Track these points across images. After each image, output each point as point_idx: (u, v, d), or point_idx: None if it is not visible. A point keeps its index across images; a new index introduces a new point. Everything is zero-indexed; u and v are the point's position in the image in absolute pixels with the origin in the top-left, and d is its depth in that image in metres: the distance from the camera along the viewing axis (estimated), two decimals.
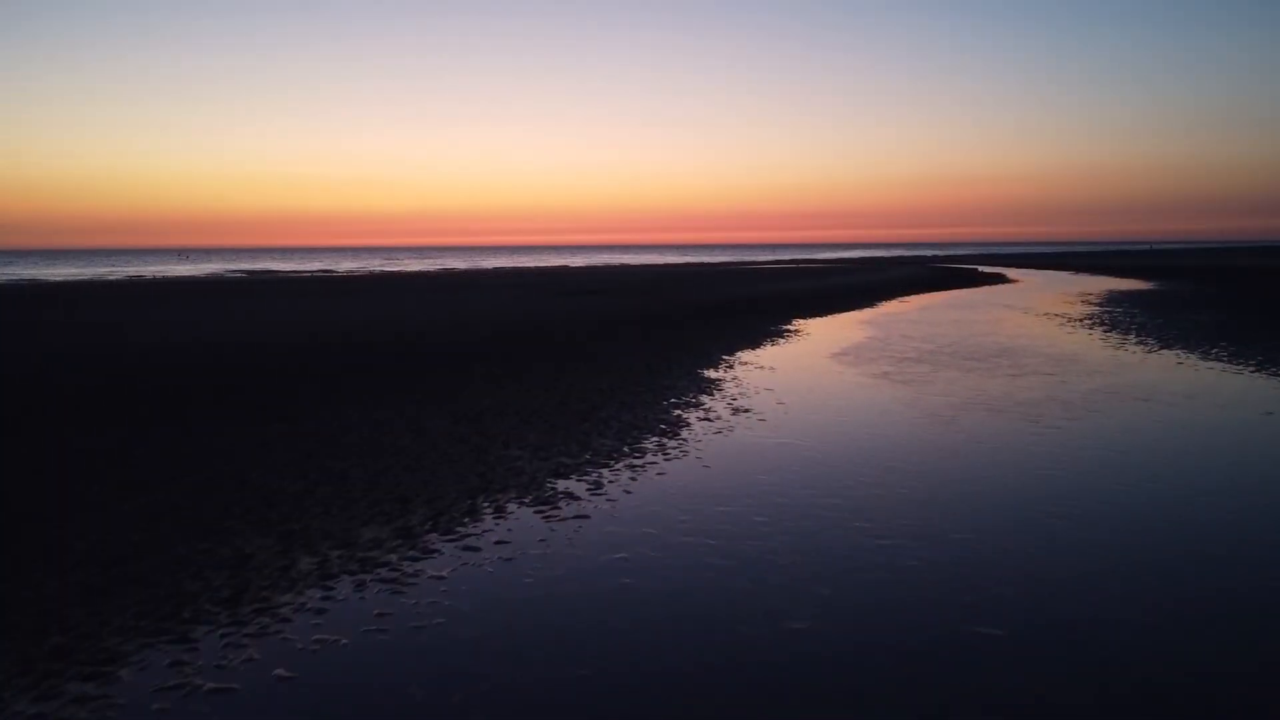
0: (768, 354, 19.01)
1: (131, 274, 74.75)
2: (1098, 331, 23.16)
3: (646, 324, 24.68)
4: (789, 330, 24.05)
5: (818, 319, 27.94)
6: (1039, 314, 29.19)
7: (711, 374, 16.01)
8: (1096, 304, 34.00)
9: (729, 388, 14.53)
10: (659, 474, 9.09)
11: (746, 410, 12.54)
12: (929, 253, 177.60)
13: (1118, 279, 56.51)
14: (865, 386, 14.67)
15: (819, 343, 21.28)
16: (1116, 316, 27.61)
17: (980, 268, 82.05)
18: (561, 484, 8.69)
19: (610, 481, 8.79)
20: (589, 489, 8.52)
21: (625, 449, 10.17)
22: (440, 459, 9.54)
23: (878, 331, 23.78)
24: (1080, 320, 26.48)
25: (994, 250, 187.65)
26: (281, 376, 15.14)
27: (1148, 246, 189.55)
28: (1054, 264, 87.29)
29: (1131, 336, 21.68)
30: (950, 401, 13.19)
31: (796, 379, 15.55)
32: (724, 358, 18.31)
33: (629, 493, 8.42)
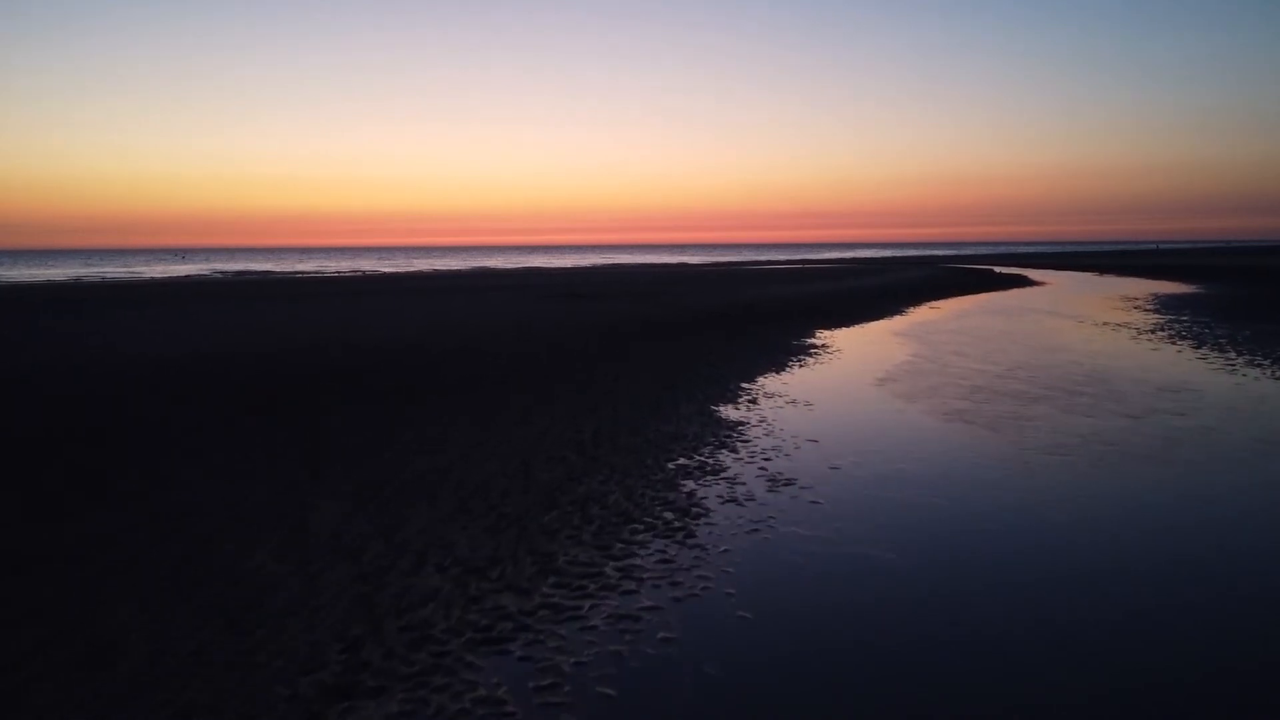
0: (797, 380, 15.20)
1: (103, 274, 71.08)
2: (1184, 347, 19.34)
3: (648, 337, 20.87)
4: (815, 346, 20.23)
5: (845, 330, 24.12)
6: (1097, 324, 25.36)
7: (731, 412, 12.20)
8: (1151, 310, 30.18)
9: (756, 436, 10.73)
10: (664, 640, 5.28)
11: (788, 481, 8.73)
12: (937, 252, 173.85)
13: (1150, 280, 52.72)
14: (943, 436, 10.84)
15: (857, 364, 17.45)
16: (1188, 327, 23.79)
17: (995, 268, 78.23)
18: (487, 670, 4.88)
19: (577, 663, 4.97)
20: (536, 691, 4.70)
21: (609, 569, 6.37)
22: (299, 597, 5.74)
23: (921, 348, 19.96)
24: (1151, 332, 22.65)
25: (1002, 250, 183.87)
26: (155, 415, 11.34)
27: (1153, 246, 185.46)
28: (1070, 264, 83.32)
29: (1232, 355, 17.85)
30: (1072, 464, 9.36)
31: (845, 421, 11.74)
32: (743, 385, 14.50)
33: (609, 698, 4.61)
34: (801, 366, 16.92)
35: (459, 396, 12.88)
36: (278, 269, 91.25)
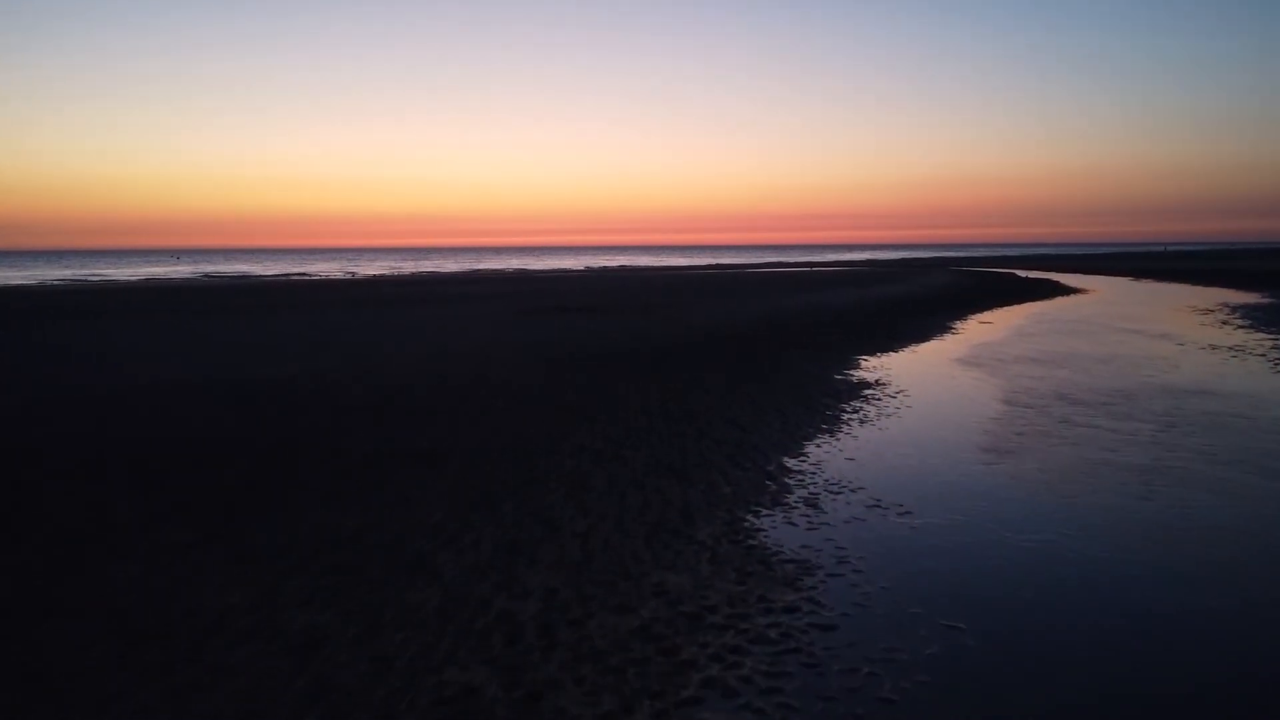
0: (866, 451, 10.29)
1: (64, 278, 66.41)
2: None
3: (647, 373, 15.96)
4: (867, 383, 15.33)
5: (894, 356, 19.24)
6: (1202, 346, 20.42)
7: (783, 534, 7.32)
8: (1246, 325, 25.27)
9: (839, 605, 5.86)
10: None
11: None
12: (946, 254, 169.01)
13: (1200, 287, 47.93)
14: (1196, 606, 5.91)
15: (938, 417, 12.55)
16: None
17: (1018, 272, 73.40)
18: None
19: None
20: None
21: None
22: None
23: (1009, 386, 15.05)
24: None
25: (1013, 252, 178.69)
26: None
27: (1161, 248, 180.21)
28: (1093, 267, 78.04)
29: None
30: None
31: (983, 558, 6.81)
32: (788, 465, 9.63)
33: None
34: (862, 422, 12.03)
35: (334, 511, 7.96)
36: (265, 271, 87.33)
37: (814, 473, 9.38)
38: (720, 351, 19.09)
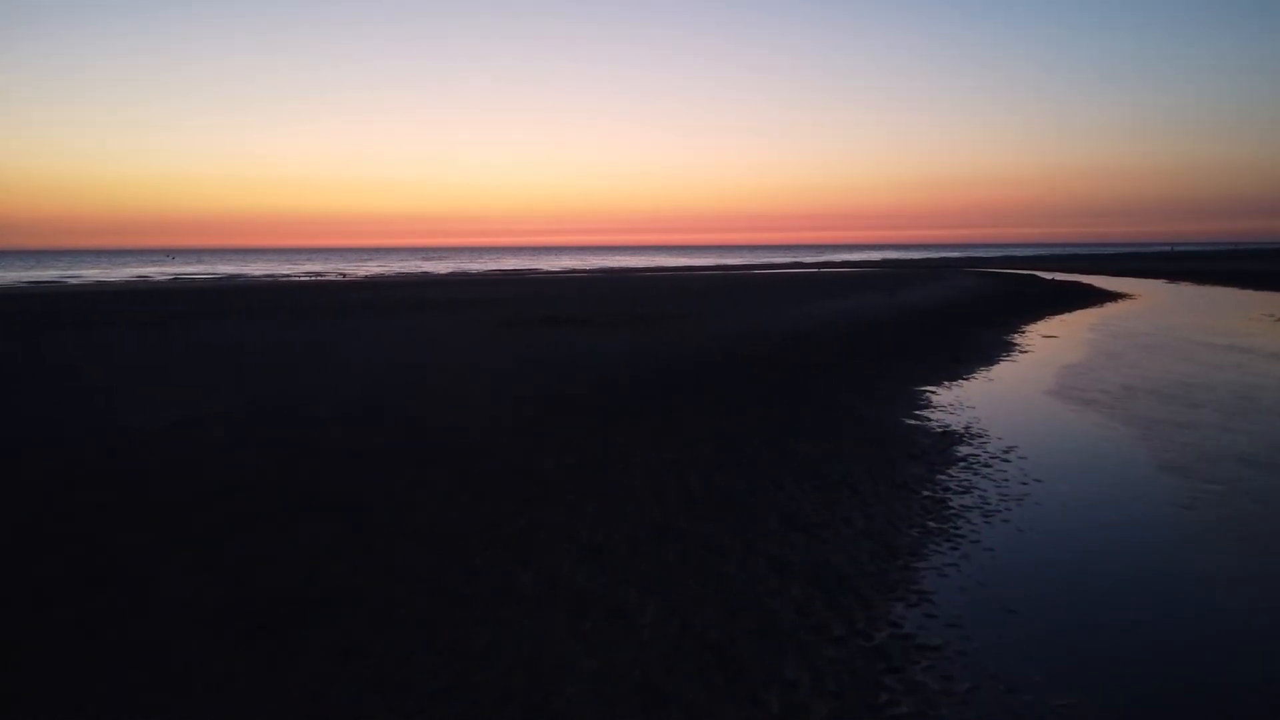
0: (1028, 599, 6.22)
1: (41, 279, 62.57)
2: None
3: (652, 418, 11.85)
4: (955, 436, 11.24)
5: (966, 386, 15.16)
6: None
7: None
8: None
9: None
10: None
11: None
12: (957, 254, 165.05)
13: (1258, 292, 43.98)
14: None
15: (1089, 500, 8.47)
16: None
17: (1039, 273, 69.42)
18: None
19: None
20: None
21: None
22: None
23: (1143, 434, 10.97)
24: None
25: (1024, 253, 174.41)
26: None
27: (1168, 248, 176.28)
28: (1113, 268, 73.60)
29: None
30: None
31: None
32: (904, 626, 5.63)
33: None
34: (985, 515, 7.96)
35: None
36: (252, 272, 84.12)
37: (961, 653, 5.30)
38: (747, 382, 14.96)
